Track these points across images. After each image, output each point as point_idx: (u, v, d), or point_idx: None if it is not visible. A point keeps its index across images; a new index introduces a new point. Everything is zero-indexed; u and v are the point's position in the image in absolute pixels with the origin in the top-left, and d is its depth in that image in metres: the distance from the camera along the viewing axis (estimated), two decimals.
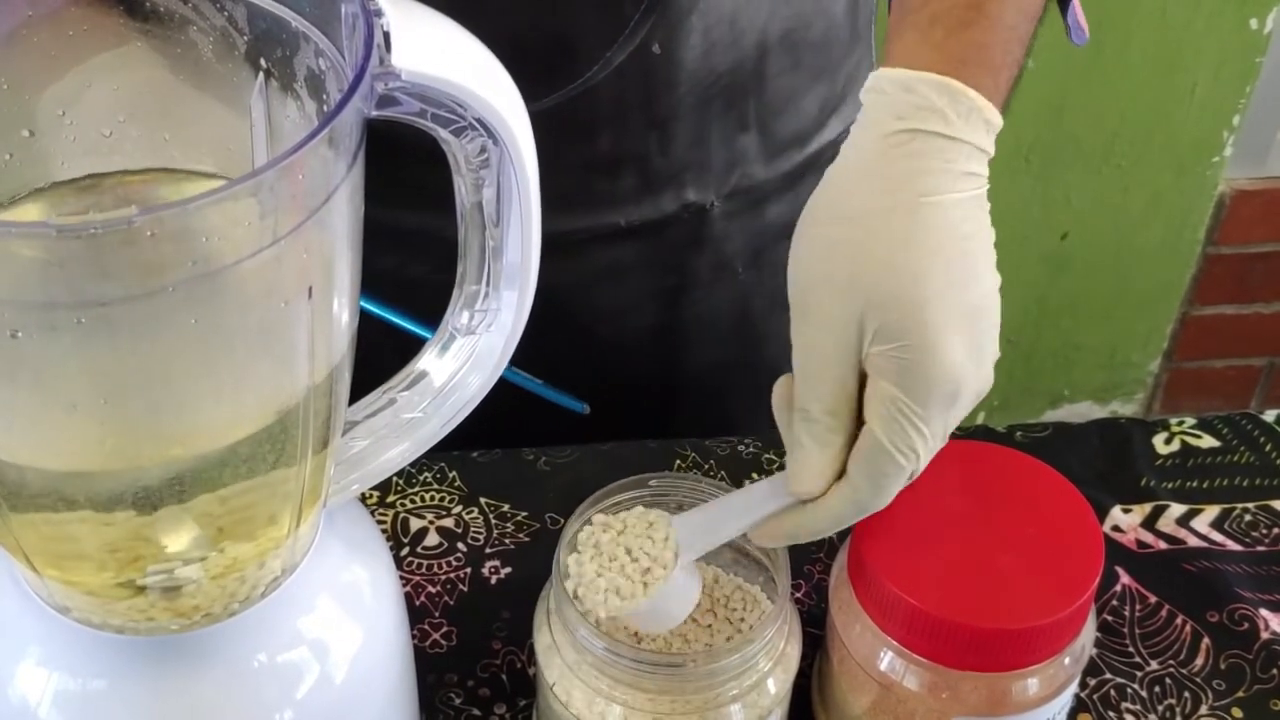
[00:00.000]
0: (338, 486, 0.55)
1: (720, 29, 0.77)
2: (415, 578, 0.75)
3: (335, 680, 0.52)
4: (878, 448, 0.56)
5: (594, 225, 0.83)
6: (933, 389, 0.55)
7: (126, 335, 0.41)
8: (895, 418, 0.56)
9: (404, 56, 0.44)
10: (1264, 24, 1.68)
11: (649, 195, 0.82)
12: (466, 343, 0.56)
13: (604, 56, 0.75)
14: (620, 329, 0.88)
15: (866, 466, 0.57)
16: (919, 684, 0.61)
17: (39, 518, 0.46)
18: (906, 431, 0.56)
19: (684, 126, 0.80)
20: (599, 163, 0.80)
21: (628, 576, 0.60)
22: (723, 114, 0.80)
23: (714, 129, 0.81)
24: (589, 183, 0.81)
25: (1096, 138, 1.75)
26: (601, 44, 0.75)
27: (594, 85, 0.76)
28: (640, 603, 0.60)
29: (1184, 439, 0.84)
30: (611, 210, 0.82)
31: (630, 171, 0.81)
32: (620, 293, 0.86)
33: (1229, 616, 0.74)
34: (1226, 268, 1.91)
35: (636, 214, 0.83)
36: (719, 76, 0.79)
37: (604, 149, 0.80)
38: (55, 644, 0.50)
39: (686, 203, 0.83)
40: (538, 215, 0.52)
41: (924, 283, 0.55)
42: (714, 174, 0.83)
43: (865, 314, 0.56)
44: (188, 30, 0.48)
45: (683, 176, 0.82)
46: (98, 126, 0.50)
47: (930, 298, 0.55)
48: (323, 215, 0.43)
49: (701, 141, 0.81)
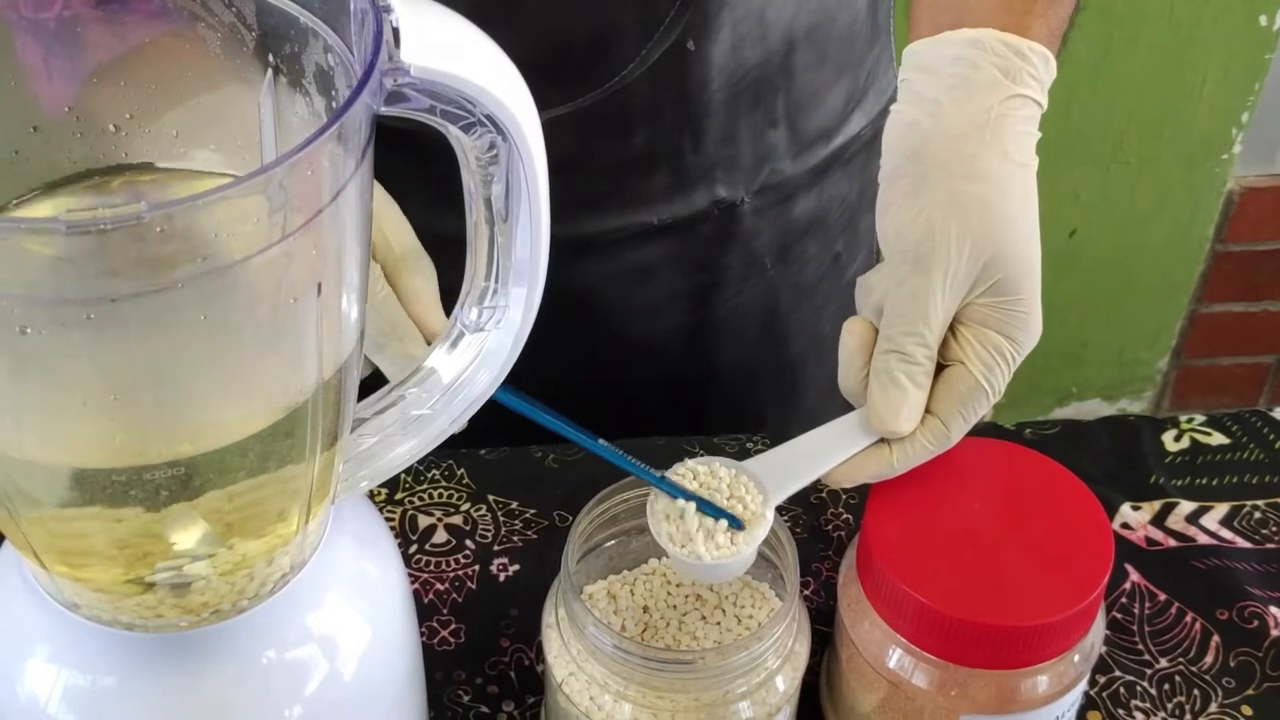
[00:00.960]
0: (346, 483, 0.55)
1: (749, 24, 0.77)
2: (423, 575, 0.75)
3: (344, 677, 0.52)
4: (976, 390, 0.61)
5: (627, 225, 0.83)
6: (1032, 341, 0.62)
7: (135, 331, 0.41)
8: (998, 363, 0.61)
9: (413, 52, 0.44)
10: (1273, 21, 1.68)
11: (681, 193, 0.83)
12: (475, 339, 0.56)
13: (640, 54, 0.75)
14: (652, 328, 0.88)
15: (961, 407, 0.61)
16: (928, 681, 0.61)
17: (48, 514, 0.46)
18: (1003, 376, 0.61)
19: (715, 123, 0.80)
20: (632, 161, 0.81)
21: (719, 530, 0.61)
22: (752, 110, 0.81)
23: (744, 125, 0.81)
24: (622, 182, 0.81)
25: (1105, 135, 1.74)
26: (637, 41, 0.75)
27: (629, 83, 0.76)
28: (743, 551, 0.61)
29: (1194, 436, 0.84)
30: (644, 209, 0.83)
31: (663, 169, 0.81)
32: (652, 292, 0.86)
33: (1239, 614, 0.74)
34: (1235, 265, 1.91)
35: (668, 212, 0.83)
36: (748, 72, 0.79)
37: (638, 147, 0.80)
38: (64, 641, 0.50)
39: (717, 199, 0.83)
40: (546, 212, 0.52)
41: (1035, 245, 0.62)
42: (744, 170, 0.83)
43: (988, 266, 0.60)
44: (196, 26, 0.48)
45: (714, 173, 0.82)
46: (106, 122, 0.50)
47: (1038, 259, 0.62)
48: (332, 211, 0.43)
49: (732, 138, 0.81)
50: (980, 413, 0.62)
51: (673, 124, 0.79)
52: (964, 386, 0.61)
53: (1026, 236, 0.61)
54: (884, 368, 0.62)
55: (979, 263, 0.60)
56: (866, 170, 0.90)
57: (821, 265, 0.91)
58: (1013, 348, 0.61)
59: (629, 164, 0.81)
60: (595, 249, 0.83)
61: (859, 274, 0.97)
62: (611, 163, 0.80)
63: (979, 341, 0.61)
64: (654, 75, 0.76)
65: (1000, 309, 0.61)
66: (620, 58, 0.76)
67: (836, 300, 0.94)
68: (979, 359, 0.61)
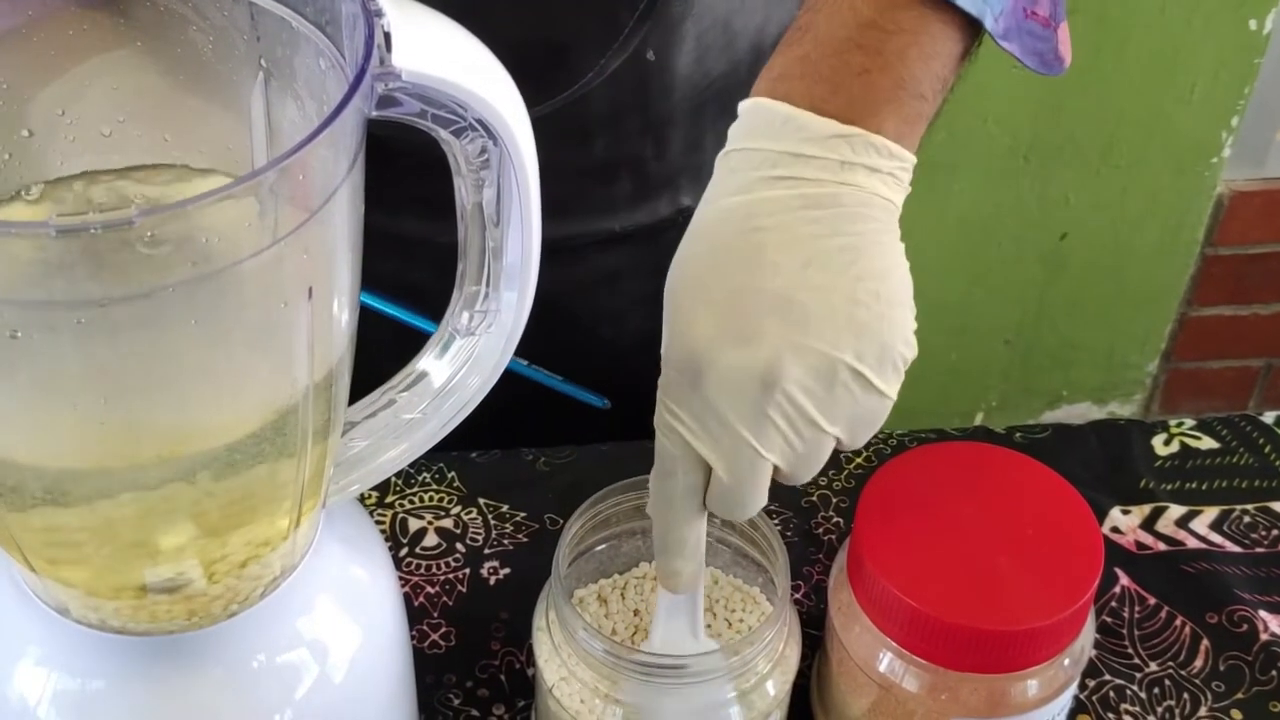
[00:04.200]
0: (337, 487, 0.55)
1: (714, 34, 0.77)
2: (414, 578, 0.75)
3: (334, 680, 0.52)
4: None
5: (590, 231, 0.83)
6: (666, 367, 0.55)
7: (126, 335, 0.41)
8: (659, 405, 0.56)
9: (404, 57, 0.44)
10: (1263, 25, 1.68)
11: (644, 201, 0.82)
12: (466, 344, 0.56)
13: (598, 64, 0.75)
14: (620, 332, 0.88)
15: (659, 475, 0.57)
16: (918, 685, 0.61)
17: (37, 516, 0.46)
18: (663, 416, 0.56)
19: (679, 131, 0.80)
20: (594, 169, 0.80)
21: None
22: (718, 118, 0.80)
23: (709, 133, 0.81)
24: (585, 189, 0.81)
25: (1095, 138, 1.75)
26: (596, 51, 0.75)
27: (589, 92, 0.76)
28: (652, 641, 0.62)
29: (1183, 440, 0.84)
30: (607, 216, 0.83)
31: (625, 177, 0.81)
32: (617, 297, 0.86)
33: (1228, 618, 0.74)
34: (1225, 268, 1.91)
35: (631, 220, 0.83)
36: (713, 81, 0.79)
37: (599, 155, 0.80)
38: (54, 644, 0.50)
39: (681, 207, 0.83)
40: (538, 216, 0.52)
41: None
42: (708, 178, 0.83)
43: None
44: (188, 30, 0.48)
45: (678, 181, 0.82)
46: (97, 126, 0.50)
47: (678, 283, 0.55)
48: (323, 216, 0.43)
49: (696, 146, 0.81)
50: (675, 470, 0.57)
51: (634, 132, 0.79)
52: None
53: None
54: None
55: None
56: None
57: None
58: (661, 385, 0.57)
59: (590, 171, 0.81)
60: (561, 254, 0.83)
61: None
62: (573, 169, 0.80)
63: None
64: (614, 84, 0.76)
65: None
66: (580, 67, 0.75)
67: None
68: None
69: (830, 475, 0.81)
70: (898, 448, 0.83)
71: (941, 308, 1.85)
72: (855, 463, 0.82)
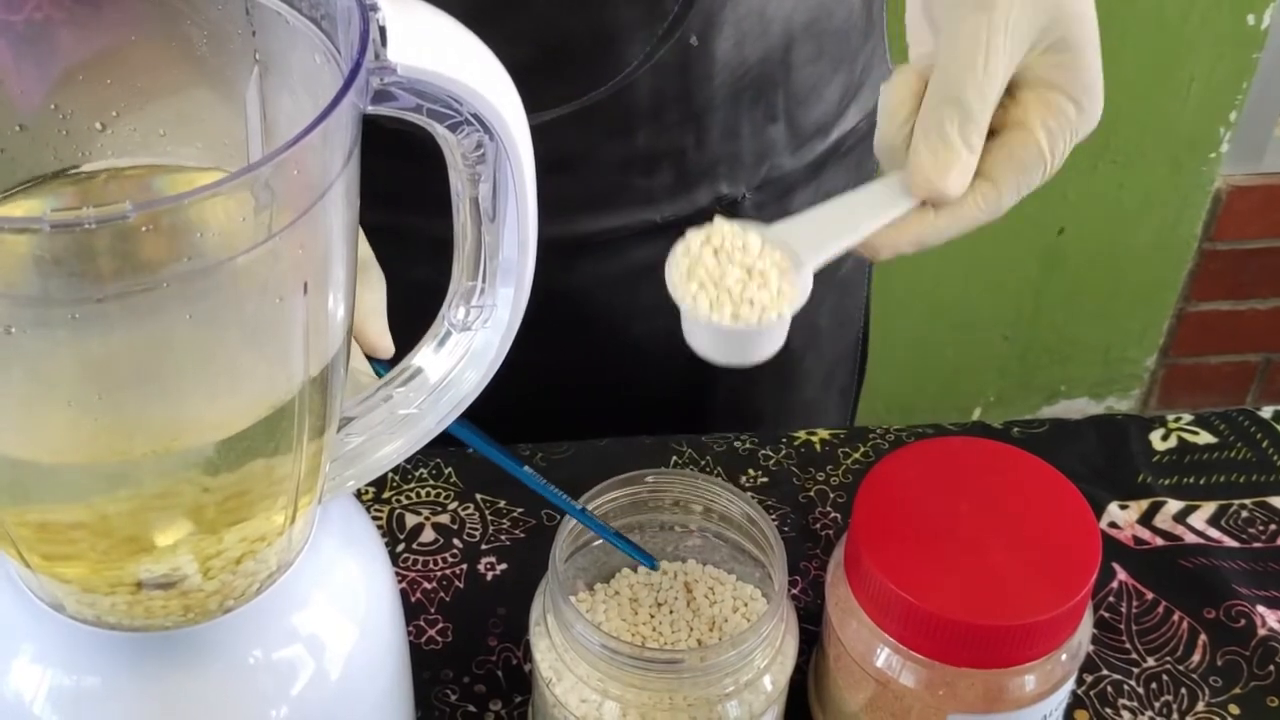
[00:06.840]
0: (333, 482, 0.55)
1: (751, 20, 0.77)
2: (411, 574, 0.75)
3: (330, 677, 0.52)
4: (1037, 154, 0.56)
5: (630, 223, 0.83)
6: (1096, 111, 0.57)
7: (121, 330, 0.41)
8: (1063, 126, 0.57)
9: (400, 51, 0.44)
10: (1261, 19, 1.68)
11: (684, 190, 0.83)
12: (462, 339, 0.56)
13: (644, 51, 0.75)
14: (654, 327, 0.88)
15: (1019, 172, 0.57)
16: (915, 680, 0.61)
17: (32, 512, 0.46)
18: (1064, 145, 0.57)
19: (718, 119, 0.80)
20: (636, 159, 0.81)
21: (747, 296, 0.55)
22: (753, 105, 0.81)
23: (745, 121, 0.81)
24: (626, 180, 0.81)
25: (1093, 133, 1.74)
26: (643, 38, 0.75)
27: (633, 81, 0.76)
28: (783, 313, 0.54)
29: (1181, 435, 0.84)
30: (648, 207, 0.83)
31: (666, 167, 0.81)
32: (654, 290, 0.87)
33: (1226, 613, 0.74)
34: (1222, 264, 1.91)
35: (671, 210, 0.83)
36: (750, 68, 0.79)
37: (642, 145, 0.80)
38: (49, 640, 0.50)
39: (719, 196, 0.83)
40: (534, 212, 0.52)
41: (1094, 12, 0.58)
42: (745, 166, 0.83)
43: (1050, 24, 0.56)
44: (183, 24, 0.48)
45: (716, 170, 0.83)
46: (91, 121, 0.49)
47: (1097, 29, 0.58)
48: (318, 211, 0.43)
49: (734, 134, 0.82)
50: (1034, 185, 0.57)
51: (676, 121, 0.79)
52: (1024, 150, 0.56)
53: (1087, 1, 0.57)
54: (934, 122, 0.55)
55: (1040, 18, 0.55)
56: (863, 165, 0.90)
57: None
58: (1077, 114, 0.57)
59: (633, 162, 0.81)
60: (598, 248, 0.83)
61: (854, 267, 0.97)
62: (615, 161, 0.80)
63: (1041, 103, 0.57)
64: (658, 72, 0.76)
65: (1065, 69, 0.56)
66: (625, 55, 0.75)
67: (834, 293, 0.94)
68: (1041, 122, 0.56)
69: (828, 471, 0.81)
70: (895, 443, 0.83)
71: (939, 303, 1.85)
72: (853, 458, 0.82)
